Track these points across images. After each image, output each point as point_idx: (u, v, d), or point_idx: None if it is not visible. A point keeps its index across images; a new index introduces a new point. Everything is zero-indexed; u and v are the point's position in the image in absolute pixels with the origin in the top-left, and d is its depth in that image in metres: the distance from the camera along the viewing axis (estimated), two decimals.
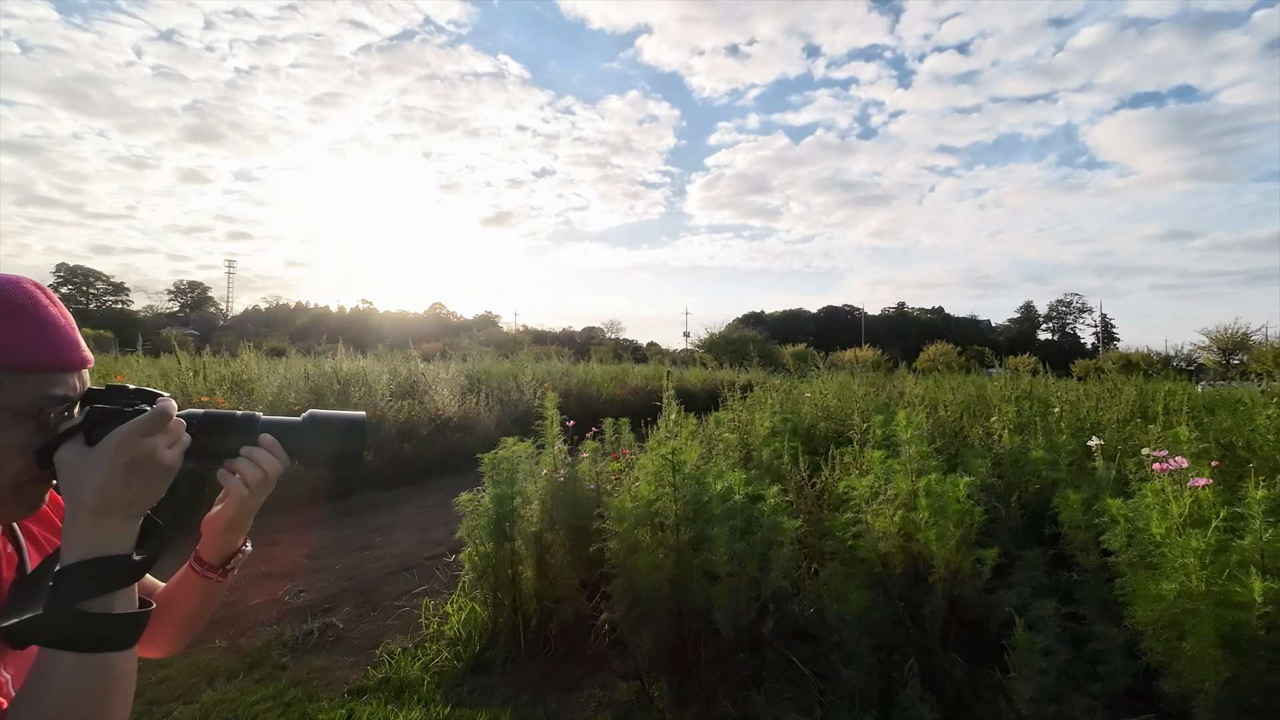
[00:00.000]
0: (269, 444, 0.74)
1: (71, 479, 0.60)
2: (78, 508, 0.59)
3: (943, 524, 2.31)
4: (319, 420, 0.78)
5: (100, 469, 0.59)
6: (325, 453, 0.77)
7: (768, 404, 5.57)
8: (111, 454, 0.60)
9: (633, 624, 2.38)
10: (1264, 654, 1.67)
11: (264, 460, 0.73)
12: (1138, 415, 4.85)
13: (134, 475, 0.61)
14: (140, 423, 0.62)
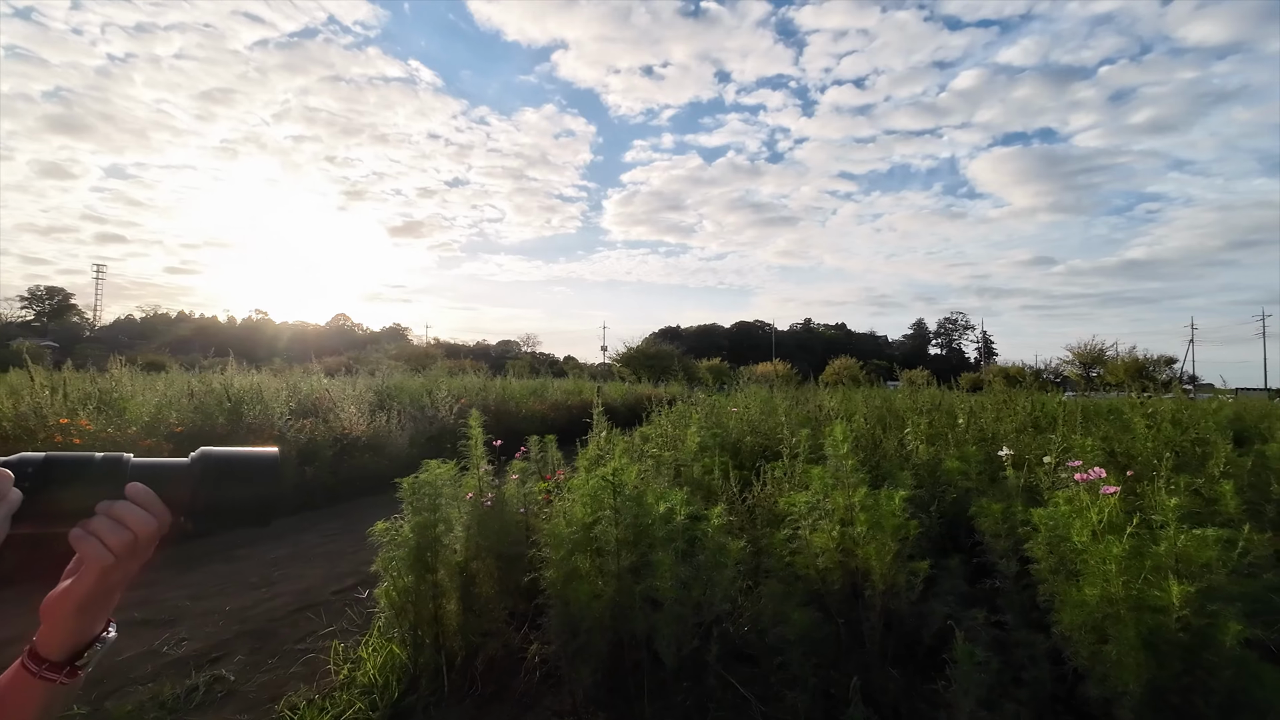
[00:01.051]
0: (139, 495, 0.56)
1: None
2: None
3: (881, 538, 2.33)
4: (214, 460, 0.60)
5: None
6: (224, 503, 0.60)
7: (694, 419, 5.57)
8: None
9: (570, 657, 2.23)
10: (1181, 655, 1.77)
11: (132, 518, 0.55)
12: (1030, 425, 5.24)
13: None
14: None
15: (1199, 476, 3.29)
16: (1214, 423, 4.89)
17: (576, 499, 2.59)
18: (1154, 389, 8.20)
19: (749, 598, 2.81)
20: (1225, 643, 1.69)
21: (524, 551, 2.94)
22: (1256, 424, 6.34)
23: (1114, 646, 1.86)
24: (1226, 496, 2.71)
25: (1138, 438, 3.95)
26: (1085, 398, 10.99)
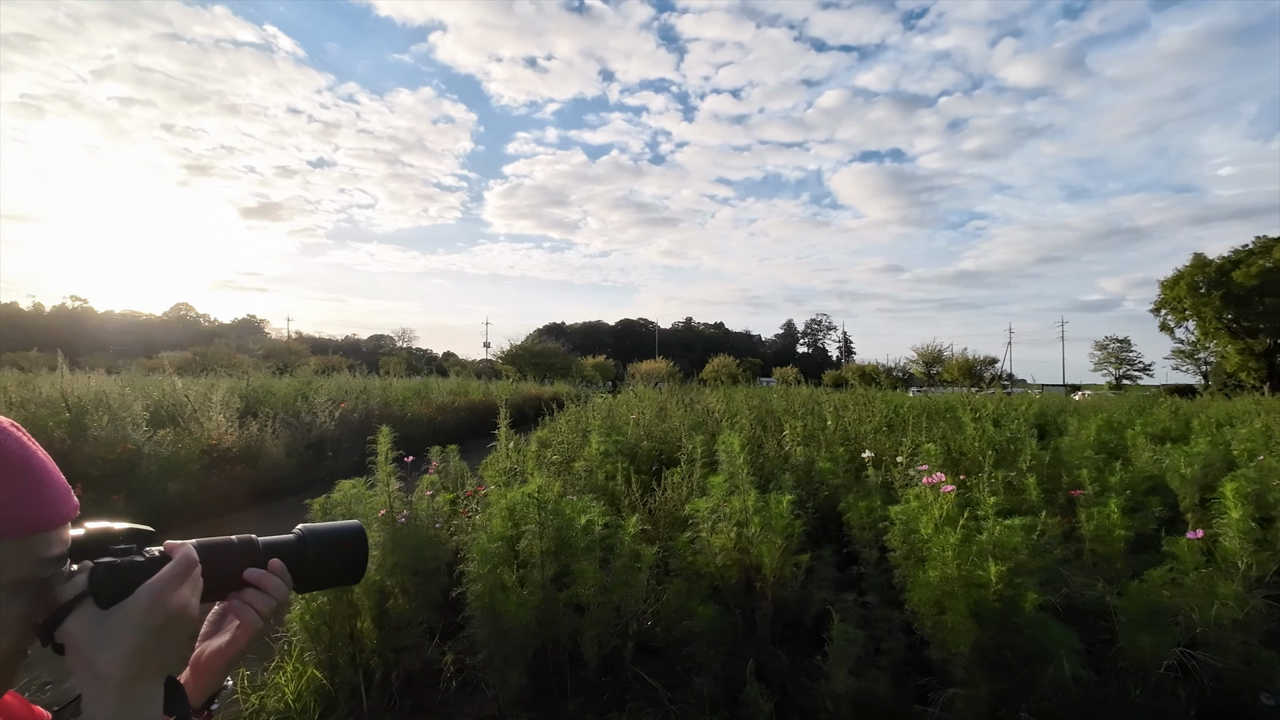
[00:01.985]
0: (278, 570, 0.68)
1: (90, 652, 0.52)
2: (101, 681, 0.51)
3: (771, 537, 2.69)
4: (316, 536, 0.73)
5: (127, 636, 0.52)
6: (324, 571, 0.73)
7: (594, 424, 5.78)
8: (142, 618, 0.53)
9: (499, 663, 2.37)
10: (996, 620, 2.26)
11: (276, 588, 0.67)
12: (885, 426, 6.01)
13: (167, 635, 0.55)
14: (169, 577, 0.55)
15: (1012, 470, 4.03)
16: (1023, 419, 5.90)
17: (496, 513, 2.72)
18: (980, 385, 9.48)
19: (655, 596, 3.08)
20: (1026, 608, 2.19)
21: (440, 566, 3.01)
22: (1055, 418, 7.66)
23: (950, 617, 2.32)
24: (1030, 488, 3.37)
25: (968, 437, 4.72)
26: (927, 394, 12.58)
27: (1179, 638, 2.33)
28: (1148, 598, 2.42)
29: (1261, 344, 30.22)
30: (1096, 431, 5.46)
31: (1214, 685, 2.33)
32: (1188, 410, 8.76)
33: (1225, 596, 2.29)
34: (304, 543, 0.71)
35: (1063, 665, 2.14)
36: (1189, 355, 36.08)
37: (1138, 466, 4.27)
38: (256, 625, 0.66)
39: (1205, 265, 30.54)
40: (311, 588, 0.74)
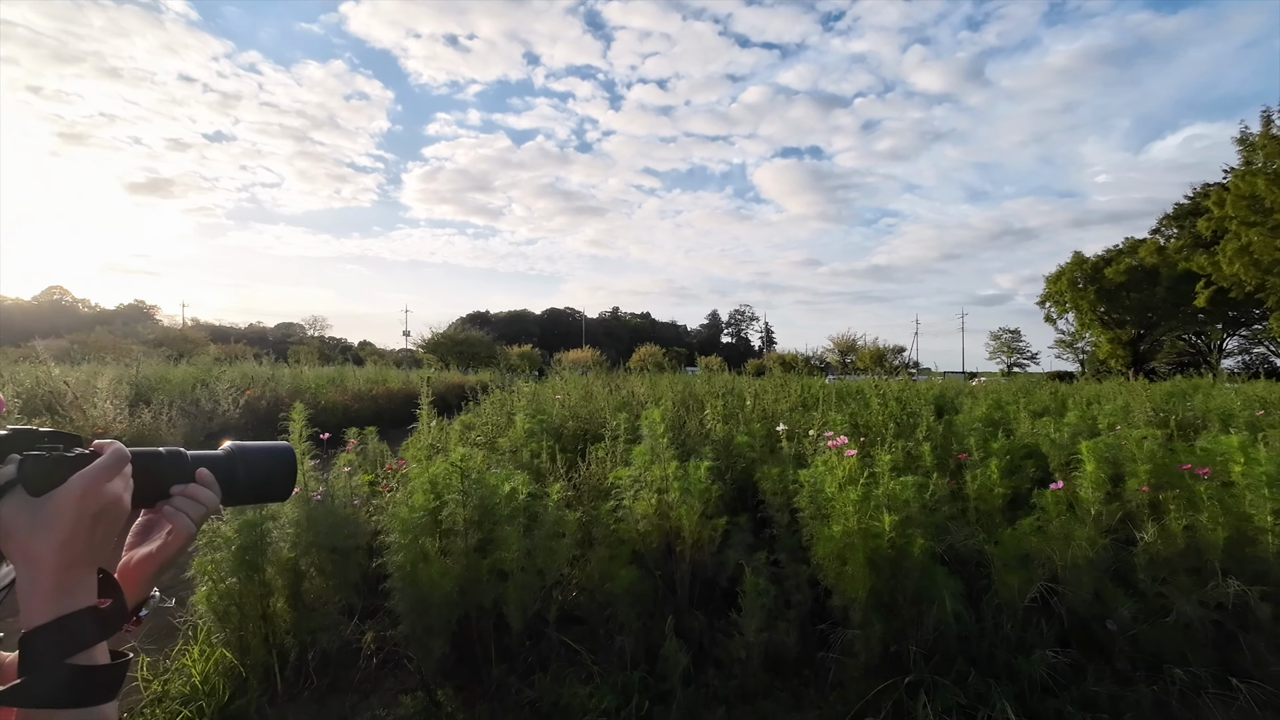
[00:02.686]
0: (207, 480, 0.69)
1: (24, 536, 0.53)
2: (36, 566, 0.53)
3: (690, 501, 2.81)
4: (245, 453, 0.75)
5: (62, 522, 0.54)
6: (253, 487, 0.75)
7: (519, 406, 5.76)
8: (75, 505, 0.54)
9: (420, 634, 2.37)
10: (890, 567, 2.48)
11: (206, 498, 0.68)
12: (800, 405, 6.33)
13: (99, 524, 0.56)
14: (103, 468, 0.57)
15: (910, 440, 4.36)
16: (924, 399, 6.39)
17: (416, 486, 2.70)
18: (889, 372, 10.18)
19: (578, 566, 3.15)
20: (915, 554, 2.42)
21: (358, 545, 2.95)
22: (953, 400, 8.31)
23: (850, 567, 2.53)
24: (925, 455, 3.68)
25: (873, 413, 5.06)
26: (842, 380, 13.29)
27: (1042, 577, 2.63)
28: (1018, 544, 2.72)
29: (1128, 334, 33.79)
30: (987, 410, 5.97)
31: (1070, 617, 2.66)
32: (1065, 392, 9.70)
33: (1080, 539, 2.61)
34: (233, 459, 0.73)
35: (945, 604, 2.38)
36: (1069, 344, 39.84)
37: (1018, 436, 4.72)
38: (188, 530, 0.67)
39: (1083, 263, 33.77)
40: (239, 502, 0.76)
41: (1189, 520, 2.80)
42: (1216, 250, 25.59)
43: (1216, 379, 11.48)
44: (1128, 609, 2.59)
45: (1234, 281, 24.48)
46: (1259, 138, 22.08)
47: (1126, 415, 5.50)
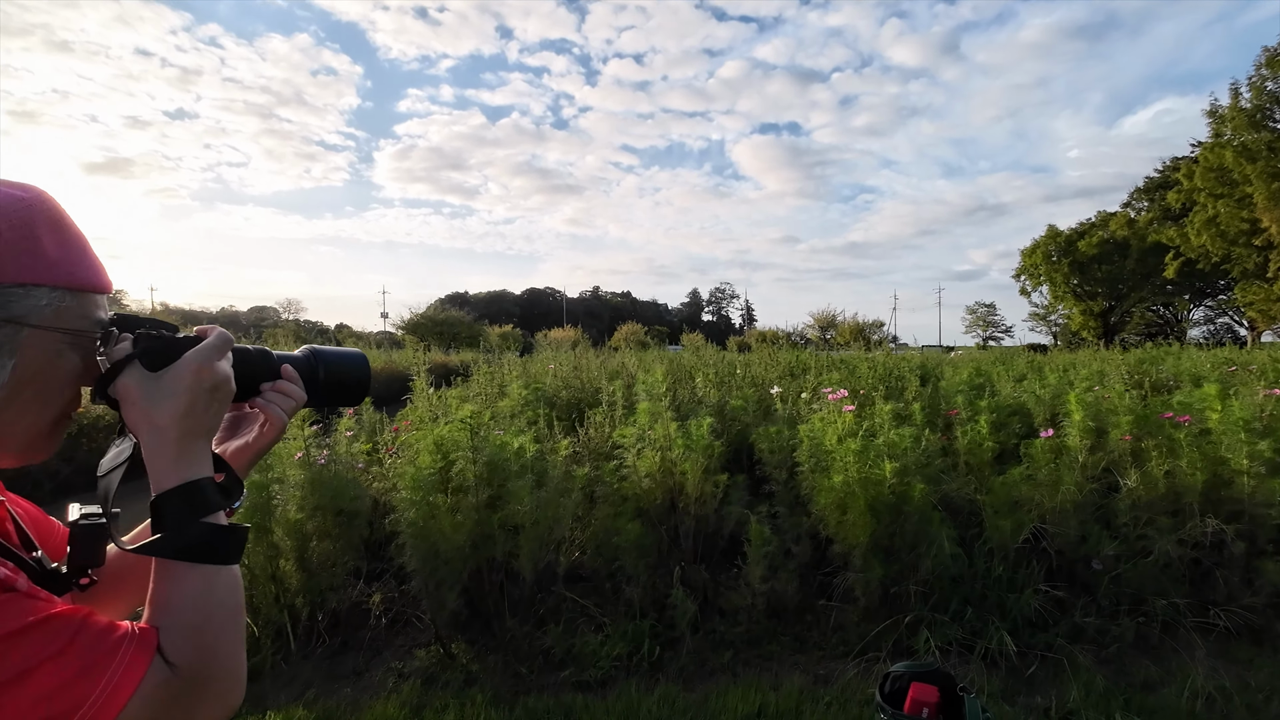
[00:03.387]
0: (291, 376, 0.71)
1: (147, 406, 0.55)
2: (160, 435, 0.55)
3: (694, 457, 2.87)
4: (322, 356, 0.77)
5: (181, 394, 0.56)
6: (333, 389, 0.76)
7: (512, 376, 5.77)
8: (192, 378, 0.56)
9: (433, 588, 2.41)
10: (889, 513, 2.57)
11: (295, 393, 0.70)
12: (788, 374, 6.42)
13: (214, 399, 0.58)
14: (213, 347, 0.59)
15: (900, 402, 4.47)
16: (908, 367, 6.52)
17: (422, 448, 2.72)
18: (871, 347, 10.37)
19: (581, 527, 3.21)
20: (915, 498, 2.50)
21: (363, 507, 2.97)
22: (934, 369, 8.50)
23: (851, 515, 2.61)
24: (916, 413, 3.77)
25: (862, 377, 5.17)
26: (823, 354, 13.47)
27: (1032, 521, 2.75)
28: (1008, 492, 2.83)
29: (1100, 305, 34.58)
30: (968, 376, 6.12)
31: (1058, 558, 2.78)
32: (1041, 361, 9.96)
33: (1068, 483, 2.73)
34: (312, 361, 0.75)
35: (943, 546, 2.48)
36: (1042, 317, 40.67)
37: (1002, 397, 4.86)
38: (282, 422, 0.70)
39: (1057, 236, 34.37)
40: (318, 403, 0.78)
41: (1169, 466, 2.93)
42: (1185, 223, 26.23)
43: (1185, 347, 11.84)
44: (1111, 549, 2.72)
45: (1201, 253, 25.14)
46: (1228, 110, 22.52)
47: (1102, 379, 5.68)
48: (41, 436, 0.56)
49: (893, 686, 1.89)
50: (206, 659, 0.51)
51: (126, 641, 0.48)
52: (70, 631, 0.46)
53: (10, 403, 0.51)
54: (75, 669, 0.45)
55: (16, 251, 0.50)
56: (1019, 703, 2.19)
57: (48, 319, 0.52)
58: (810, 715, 2.11)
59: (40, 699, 0.43)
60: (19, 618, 0.44)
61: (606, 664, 2.42)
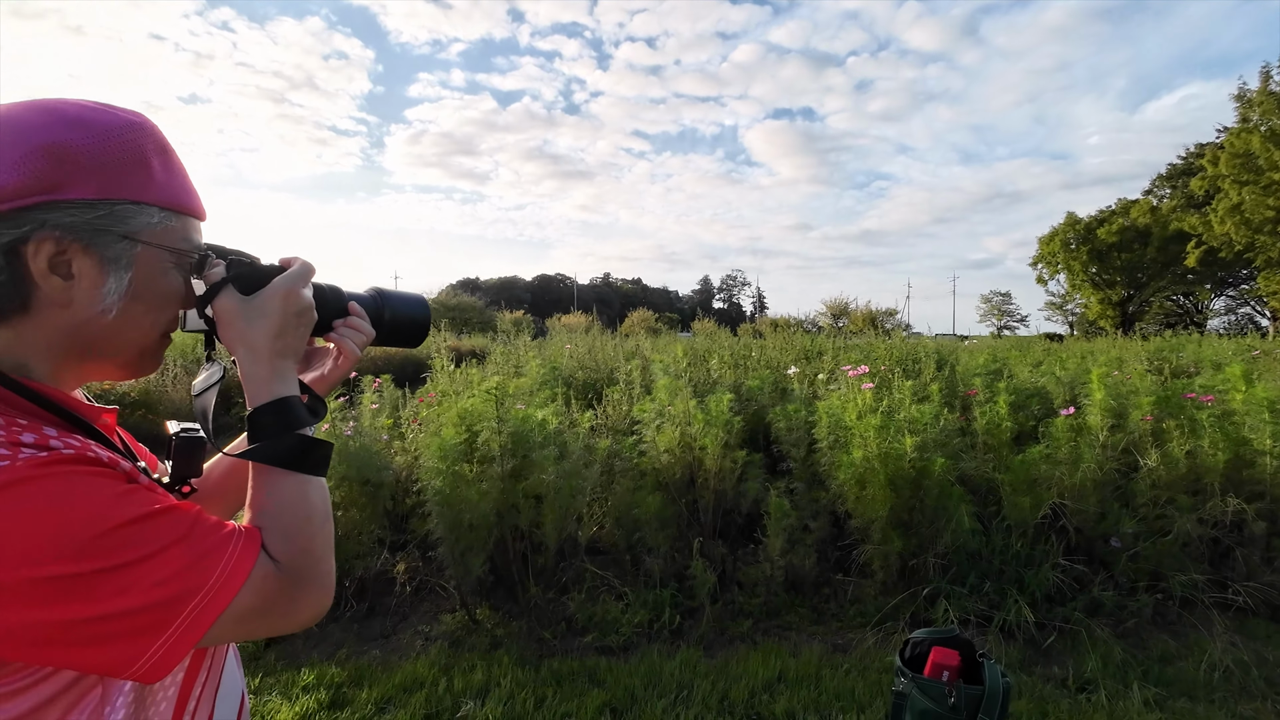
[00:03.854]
0: (359, 313, 0.74)
1: (243, 326, 0.59)
2: (255, 353, 0.59)
3: (714, 432, 2.90)
4: (388, 296, 0.79)
5: (272, 315, 0.59)
6: (397, 329, 0.79)
7: (529, 356, 5.83)
8: (281, 301, 0.60)
9: (459, 554, 2.47)
10: (909, 487, 2.59)
11: (365, 329, 0.74)
12: (803, 357, 6.43)
13: (299, 324, 0.62)
14: (298, 275, 0.62)
15: (917, 382, 4.47)
16: (924, 351, 6.49)
17: (446, 420, 2.77)
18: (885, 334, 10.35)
19: (600, 503, 3.26)
20: (935, 472, 2.52)
21: (388, 478, 3.03)
22: (948, 355, 8.48)
23: (870, 489, 2.64)
24: (935, 393, 3.77)
25: (880, 358, 5.16)
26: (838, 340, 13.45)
27: (1051, 498, 2.76)
28: (1027, 470, 2.83)
29: (1118, 294, 34.10)
30: (985, 361, 6.10)
31: (1076, 536, 2.79)
32: (1057, 349, 9.88)
33: (1088, 461, 2.73)
34: (379, 301, 0.78)
35: (963, 520, 2.50)
36: (1059, 306, 40.17)
37: (1019, 380, 4.85)
38: (355, 355, 0.73)
39: (1076, 223, 33.82)
40: (381, 343, 0.81)
41: (1190, 446, 2.92)
42: (1208, 210, 25.71)
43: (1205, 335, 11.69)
44: (1131, 527, 2.72)
45: (1224, 241, 24.65)
46: (1257, 94, 21.96)
47: (1121, 366, 5.64)
48: (149, 351, 0.60)
49: (913, 652, 1.93)
50: (304, 558, 0.55)
51: (237, 536, 0.52)
52: (189, 522, 0.50)
53: (124, 315, 0.55)
54: (196, 554, 0.48)
55: (130, 171, 0.53)
56: (1036, 672, 2.22)
57: (157, 237, 0.55)
58: (830, 680, 2.15)
59: (168, 579, 0.46)
60: (147, 505, 0.48)
61: (628, 630, 2.48)
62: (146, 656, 0.46)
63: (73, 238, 0.50)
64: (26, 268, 0.49)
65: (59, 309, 0.52)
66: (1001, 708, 1.70)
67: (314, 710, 2.04)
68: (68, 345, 0.54)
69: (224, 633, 0.50)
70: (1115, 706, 2.03)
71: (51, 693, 0.47)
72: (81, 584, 0.43)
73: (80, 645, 0.44)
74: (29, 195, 0.48)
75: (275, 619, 0.53)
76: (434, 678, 2.19)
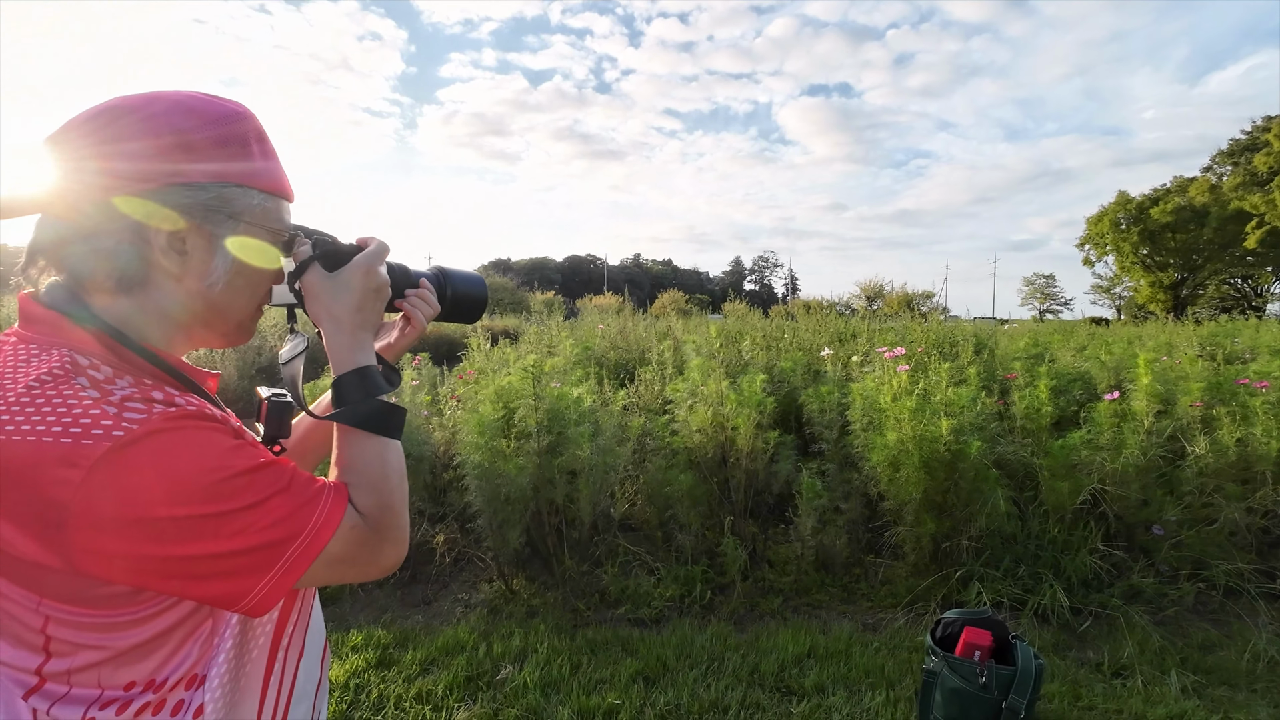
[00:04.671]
0: (428, 287, 0.79)
1: (328, 300, 0.64)
2: (338, 324, 0.64)
3: (747, 411, 2.92)
4: (450, 275, 0.84)
5: (353, 291, 0.64)
6: (457, 305, 0.84)
7: (562, 336, 5.90)
8: (362, 278, 0.65)
9: (497, 526, 2.55)
10: (944, 469, 2.57)
11: (432, 301, 0.79)
12: (836, 339, 6.36)
13: (376, 300, 0.67)
14: (376, 254, 0.67)
15: (955, 363, 4.40)
16: (961, 335, 6.37)
17: (484, 397, 2.85)
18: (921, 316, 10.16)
19: (632, 482, 3.32)
20: (971, 455, 2.50)
21: (427, 452, 3.13)
22: (987, 339, 8.29)
23: (904, 471, 2.63)
24: (972, 376, 3.72)
25: (916, 341, 5.09)
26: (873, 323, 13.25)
27: (1091, 484, 2.71)
28: (1067, 454, 2.79)
29: (1170, 277, 32.65)
30: (1025, 346, 5.95)
31: (1116, 521, 2.75)
32: (1102, 333, 9.56)
33: (1132, 447, 2.67)
34: (440, 278, 0.83)
35: (999, 503, 2.48)
36: (1106, 289, 38.64)
37: (1061, 365, 4.73)
38: (423, 325, 0.79)
39: (1128, 203, 32.35)
40: (442, 318, 0.85)
41: (1241, 434, 2.83)
42: (1272, 188, 24.36)
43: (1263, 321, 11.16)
44: (1174, 514, 2.66)
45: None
46: None
47: (1170, 351, 5.44)
48: (246, 322, 0.65)
49: (944, 632, 1.94)
50: (384, 513, 0.60)
51: (328, 491, 0.57)
52: (288, 476, 0.55)
53: (228, 289, 0.60)
54: (295, 504, 0.54)
55: (236, 157, 0.58)
56: (1070, 656, 2.21)
57: (257, 218, 0.61)
58: (859, 657, 2.18)
59: (271, 525, 0.52)
60: (254, 458, 0.53)
61: (660, 604, 2.54)
62: (254, 593, 0.52)
63: (189, 218, 0.56)
64: (149, 245, 0.55)
65: (174, 282, 0.57)
66: (1034, 688, 1.71)
67: (363, 668, 2.16)
68: (179, 315, 0.59)
69: (317, 575, 0.55)
70: (1151, 692, 2.02)
71: (173, 621, 0.53)
72: (207, 524, 0.49)
73: (200, 579, 0.50)
74: (155, 180, 0.54)
75: (360, 566, 0.59)
76: (474, 642, 2.29)
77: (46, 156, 0.54)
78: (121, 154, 0.53)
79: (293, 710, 0.66)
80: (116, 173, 0.53)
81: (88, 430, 0.47)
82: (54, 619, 0.50)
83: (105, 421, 0.48)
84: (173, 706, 0.54)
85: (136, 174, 0.54)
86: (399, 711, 1.96)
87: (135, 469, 0.47)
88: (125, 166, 0.53)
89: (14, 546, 0.47)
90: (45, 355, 0.52)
